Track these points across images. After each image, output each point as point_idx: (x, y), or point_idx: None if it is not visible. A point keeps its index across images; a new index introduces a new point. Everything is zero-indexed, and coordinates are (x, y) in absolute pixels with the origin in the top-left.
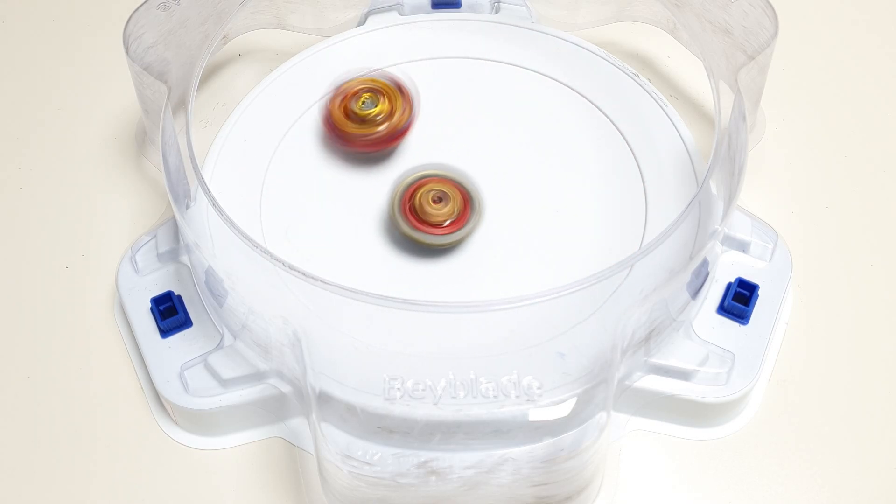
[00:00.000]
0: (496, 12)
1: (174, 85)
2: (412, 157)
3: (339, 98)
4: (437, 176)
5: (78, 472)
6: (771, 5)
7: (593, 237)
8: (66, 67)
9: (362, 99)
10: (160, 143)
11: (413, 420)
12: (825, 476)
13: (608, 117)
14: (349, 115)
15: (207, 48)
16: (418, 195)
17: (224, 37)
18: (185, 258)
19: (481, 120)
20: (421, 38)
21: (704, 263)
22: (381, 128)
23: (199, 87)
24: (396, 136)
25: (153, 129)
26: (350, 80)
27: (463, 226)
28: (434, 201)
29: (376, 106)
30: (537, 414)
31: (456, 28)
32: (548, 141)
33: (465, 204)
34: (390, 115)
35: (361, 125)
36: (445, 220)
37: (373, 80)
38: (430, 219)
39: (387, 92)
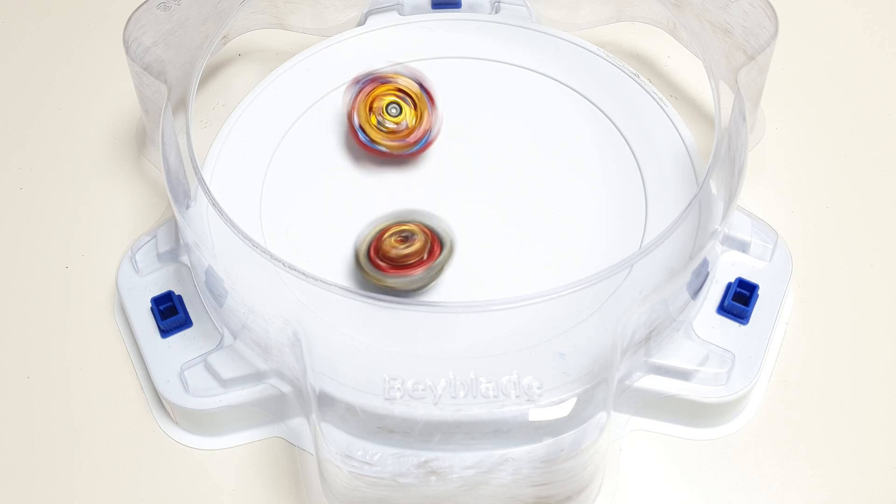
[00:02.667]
0: (496, 12)
1: (174, 85)
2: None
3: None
4: (399, 221)
5: (78, 471)
6: (771, 5)
7: (593, 237)
8: (66, 67)
9: (386, 102)
10: (160, 143)
11: (413, 420)
12: (825, 476)
13: (608, 117)
14: (372, 123)
15: (207, 48)
16: (384, 239)
17: (224, 37)
18: (185, 258)
19: (481, 120)
20: (421, 38)
21: (704, 263)
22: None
23: (199, 87)
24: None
25: (153, 129)
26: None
27: (433, 263)
28: (399, 241)
29: (400, 114)
30: (537, 414)
31: (456, 28)
32: (548, 141)
33: (434, 241)
34: (412, 127)
35: (385, 134)
36: (413, 259)
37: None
38: (397, 260)
39: (412, 99)
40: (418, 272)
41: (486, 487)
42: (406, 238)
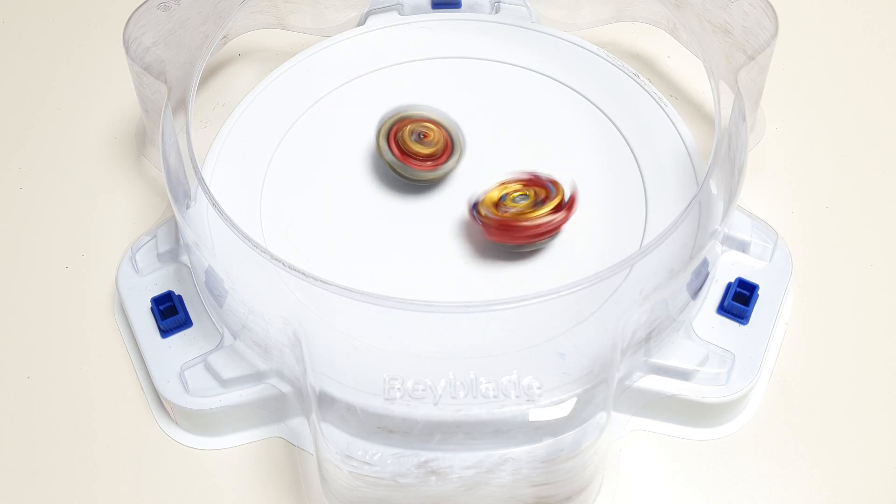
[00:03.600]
0: (496, 12)
1: (174, 85)
2: None
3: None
4: (420, 117)
5: (78, 471)
6: (771, 5)
7: (593, 237)
8: (66, 67)
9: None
10: (160, 143)
11: (413, 420)
12: (825, 476)
13: (608, 117)
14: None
15: (207, 48)
16: (403, 132)
17: (224, 37)
18: (185, 258)
19: (481, 120)
20: (421, 38)
21: (704, 263)
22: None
23: (199, 87)
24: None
25: (153, 129)
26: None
27: (444, 163)
28: (418, 138)
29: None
30: (537, 414)
31: (456, 28)
32: (548, 141)
33: (447, 143)
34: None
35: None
36: (429, 156)
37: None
38: (414, 153)
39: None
40: (426, 170)
41: (486, 487)
42: (425, 136)
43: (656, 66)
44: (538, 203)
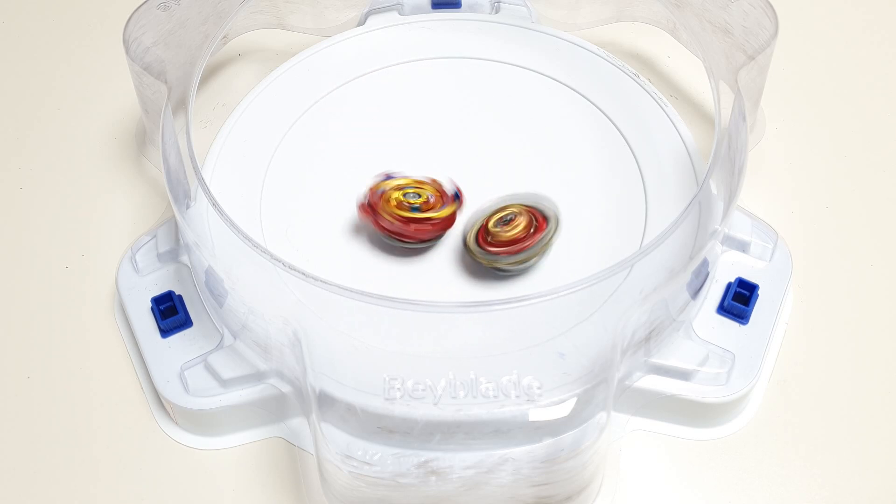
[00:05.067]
0: (496, 12)
1: (174, 85)
2: (411, 155)
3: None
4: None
5: (78, 472)
6: (771, 5)
7: (593, 237)
8: (66, 67)
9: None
10: (160, 143)
11: (413, 420)
12: (825, 476)
13: (608, 117)
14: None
15: (207, 48)
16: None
17: (224, 37)
18: (185, 258)
19: (481, 120)
20: (421, 38)
21: (704, 263)
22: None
23: (199, 87)
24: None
25: (153, 129)
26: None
27: (541, 237)
28: (504, 225)
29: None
30: (537, 414)
31: (456, 28)
32: (548, 141)
33: (538, 218)
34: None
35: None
36: (523, 237)
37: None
38: (510, 242)
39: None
40: (530, 247)
41: (486, 487)
42: (510, 220)
43: (656, 66)
44: (427, 203)
